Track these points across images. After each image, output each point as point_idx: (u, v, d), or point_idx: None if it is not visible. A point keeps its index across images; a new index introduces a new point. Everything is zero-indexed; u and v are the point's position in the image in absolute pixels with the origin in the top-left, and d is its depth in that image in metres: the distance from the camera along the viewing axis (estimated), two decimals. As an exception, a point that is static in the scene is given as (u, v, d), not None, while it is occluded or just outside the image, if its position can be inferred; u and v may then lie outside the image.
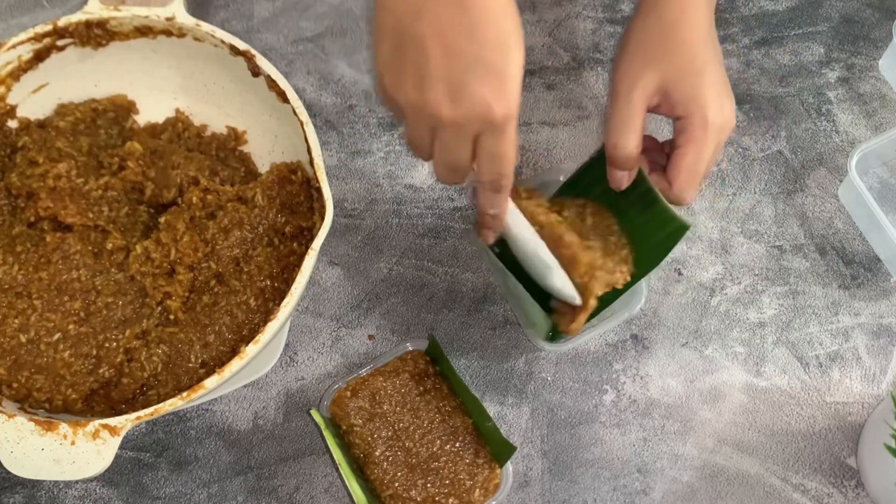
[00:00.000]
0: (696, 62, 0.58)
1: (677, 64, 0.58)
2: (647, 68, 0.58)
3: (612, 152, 0.59)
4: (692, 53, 0.58)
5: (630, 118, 0.58)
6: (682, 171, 0.58)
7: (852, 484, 0.67)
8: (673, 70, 0.58)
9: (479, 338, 0.71)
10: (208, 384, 0.57)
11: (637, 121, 0.58)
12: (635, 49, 0.59)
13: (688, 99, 0.58)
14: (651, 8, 0.59)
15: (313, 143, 0.63)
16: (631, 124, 0.58)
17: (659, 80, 0.58)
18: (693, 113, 0.58)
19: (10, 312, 0.61)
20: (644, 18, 0.59)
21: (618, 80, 0.59)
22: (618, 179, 0.61)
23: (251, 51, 0.66)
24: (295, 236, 0.66)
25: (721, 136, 0.59)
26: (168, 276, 0.64)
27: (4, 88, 0.67)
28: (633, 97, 0.58)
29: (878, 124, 0.79)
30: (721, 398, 0.70)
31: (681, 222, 0.60)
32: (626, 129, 0.58)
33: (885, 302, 0.73)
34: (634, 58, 0.59)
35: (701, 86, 0.58)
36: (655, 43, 0.58)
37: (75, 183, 0.65)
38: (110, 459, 0.55)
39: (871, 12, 0.84)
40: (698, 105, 0.58)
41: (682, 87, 0.58)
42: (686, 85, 0.58)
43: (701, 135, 0.58)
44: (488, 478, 0.64)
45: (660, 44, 0.58)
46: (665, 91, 0.58)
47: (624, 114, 0.58)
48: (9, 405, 0.59)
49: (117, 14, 0.66)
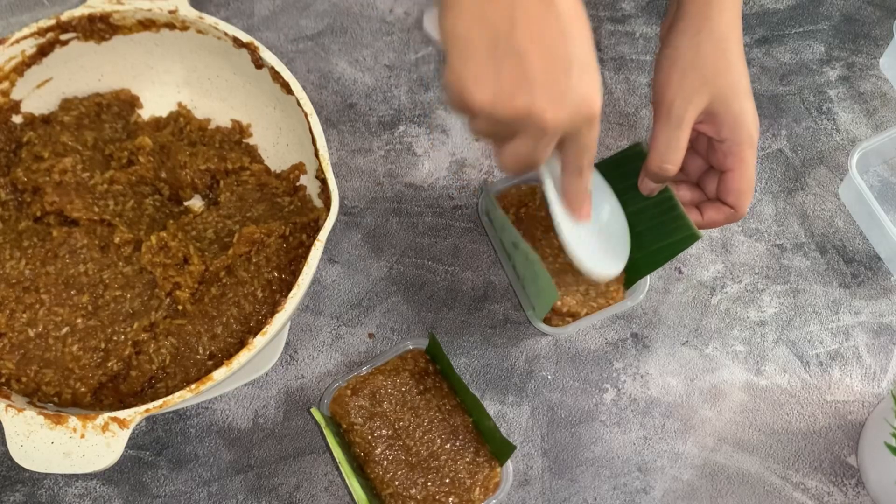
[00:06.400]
0: (743, 81, 0.58)
1: (729, 84, 0.58)
2: (703, 88, 0.58)
3: (656, 170, 0.60)
4: (740, 73, 0.58)
5: (679, 140, 0.59)
6: (742, 192, 0.60)
7: (853, 482, 0.68)
8: (725, 90, 0.58)
9: (479, 336, 0.71)
10: (217, 376, 0.57)
11: (685, 142, 0.59)
12: (689, 67, 0.58)
13: (735, 120, 0.58)
14: (703, 22, 0.58)
15: (318, 135, 0.64)
16: (679, 146, 0.59)
17: (709, 101, 0.58)
18: (741, 134, 0.58)
19: (18, 307, 0.61)
20: (696, 34, 0.58)
21: (670, 99, 0.58)
22: (650, 188, 0.63)
23: (254, 43, 0.66)
24: (303, 227, 0.66)
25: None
26: (179, 266, 0.64)
27: (8, 84, 0.67)
28: (685, 118, 0.58)
29: (878, 123, 0.79)
30: (721, 397, 0.70)
31: (693, 231, 0.62)
32: (675, 150, 0.59)
33: (885, 300, 0.73)
34: (687, 76, 0.58)
35: (746, 106, 0.58)
36: (710, 62, 0.58)
37: (81, 177, 0.65)
38: (120, 452, 0.55)
39: (871, 10, 0.84)
40: (744, 126, 0.58)
41: (732, 108, 0.58)
42: (735, 106, 0.58)
43: (750, 154, 0.59)
44: (488, 476, 0.64)
45: (714, 63, 0.58)
46: (713, 112, 0.58)
47: (675, 135, 0.58)
48: (18, 399, 0.59)
49: (120, 8, 0.66)
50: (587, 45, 0.48)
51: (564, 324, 0.67)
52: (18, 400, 0.59)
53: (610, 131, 0.78)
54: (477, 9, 0.46)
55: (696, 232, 0.62)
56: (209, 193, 0.70)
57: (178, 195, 0.69)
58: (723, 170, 0.60)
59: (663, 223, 0.64)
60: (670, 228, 0.63)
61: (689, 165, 0.64)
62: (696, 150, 0.63)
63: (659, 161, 0.59)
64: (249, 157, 0.70)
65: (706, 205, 0.63)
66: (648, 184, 0.63)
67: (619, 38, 0.82)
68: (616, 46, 0.81)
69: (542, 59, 0.46)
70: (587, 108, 0.48)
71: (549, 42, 0.46)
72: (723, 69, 0.58)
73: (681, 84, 0.58)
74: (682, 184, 0.65)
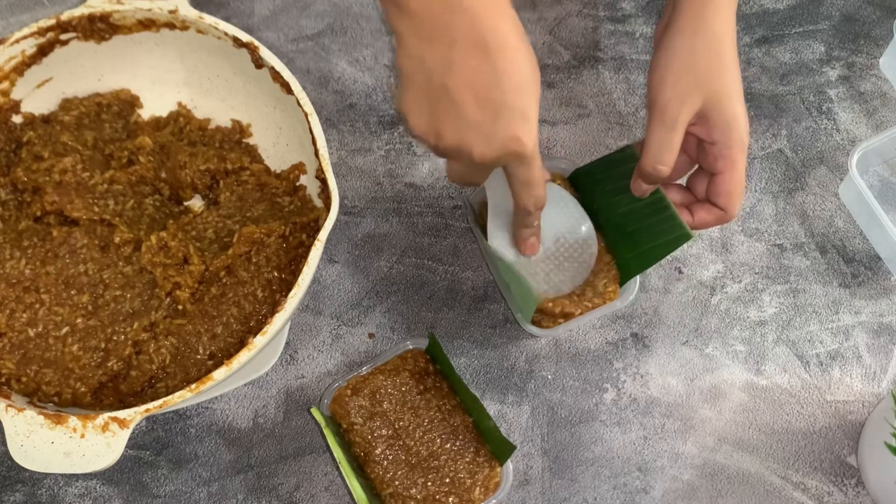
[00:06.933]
0: (736, 84, 0.59)
1: (722, 88, 0.58)
2: (697, 90, 0.58)
3: (649, 171, 0.60)
4: (733, 76, 0.59)
5: (673, 141, 0.59)
6: (733, 194, 0.61)
7: (853, 482, 0.68)
8: (718, 93, 0.58)
9: (479, 336, 0.71)
10: (217, 375, 0.57)
11: (678, 144, 0.59)
12: (684, 69, 0.58)
13: (727, 123, 0.59)
14: (699, 24, 0.59)
15: (318, 134, 0.64)
16: (673, 147, 0.59)
17: (703, 103, 0.58)
18: (732, 138, 0.59)
19: (18, 307, 0.62)
20: (691, 36, 0.59)
21: (664, 100, 0.59)
22: (643, 190, 0.63)
23: (254, 42, 0.66)
24: (303, 227, 0.66)
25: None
26: (179, 266, 0.64)
27: (9, 83, 0.67)
28: (679, 119, 0.58)
29: (878, 122, 0.79)
30: (721, 397, 0.70)
31: (686, 231, 0.62)
32: (668, 151, 0.59)
33: (885, 300, 0.73)
34: (682, 78, 0.58)
35: (738, 109, 0.59)
36: (704, 64, 0.58)
37: (81, 177, 0.65)
38: (120, 452, 0.56)
39: (871, 10, 0.84)
40: (735, 129, 0.59)
41: (725, 111, 0.58)
42: (728, 109, 0.58)
43: (740, 157, 0.59)
44: (488, 476, 0.64)
45: (708, 66, 0.58)
46: (705, 114, 0.59)
47: (668, 136, 0.59)
48: (18, 399, 0.59)
49: (120, 7, 0.66)
50: (522, 92, 0.50)
51: (556, 324, 0.67)
52: (18, 400, 0.59)
53: (610, 131, 0.78)
54: (417, 51, 0.50)
55: (688, 231, 0.62)
56: (209, 193, 0.70)
57: (178, 195, 0.69)
58: (713, 172, 0.61)
59: (656, 223, 0.64)
60: (663, 228, 0.63)
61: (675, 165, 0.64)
62: (685, 150, 0.63)
63: (652, 162, 0.60)
64: (249, 157, 0.70)
65: (696, 206, 0.63)
66: (641, 185, 0.63)
67: (619, 38, 0.82)
68: (616, 46, 0.81)
69: (472, 103, 0.50)
70: (515, 148, 0.51)
71: (481, 88, 0.49)
72: (717, 72, 0.58)
73: (675, 86, 0.58)
74: (672, 185, 0.65)
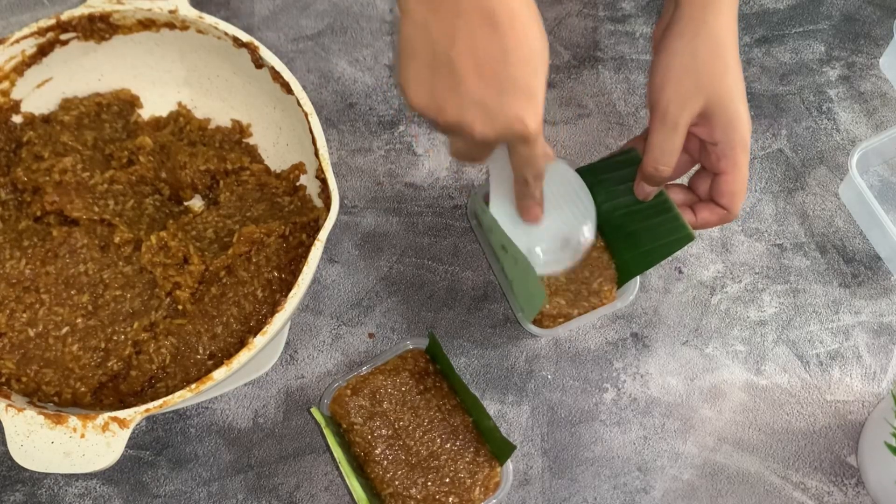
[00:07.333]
0: (738, 85, 0.58)
1: (724, 88, 0.58)
2: (698, 92, 0.58)
3: (652, 172, 0.60)
4: (735, 77, 0.59)
5: (674, 143, 0.59)
6: (736, 194, 0.60)
7: (852, 482, 0.68)
8: (720, 94, 0.58)
9: (479, 336, 0.71)
10: (217, 375, 0.57)
11: (680, 146, 0.59)
12: (685, 71, 0.58)
13: (729, 123, 0.58)
14: (700, 26, 0.58)
15: (318, 134, 0.64)
16: (675, 149, 0.59)
17: (705, 104, 0.58)
18: (734, 138, 0.59)
19: (18, 307, 0.62)
20: (693, 38, 0.58)
21: (665, 102, 0.58)
22: (646, 192, 0.63)
23: (254, 42, 0.66)
24: (303, 227, 0.66)
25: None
26: (179, 266, 0.64)
27: (9, 83, 0.67)
28: (680, 122, 0.58)
29: (878, 122, 0.79)
30: (721, 396, 0.70)
31: (688, 232, 0.62)
32: (670, 152, 0.59)
33: (885, 300, 0.73)
34: (683, 80, 0.58)
35: (741, 109, 0.58)
36: (706, 66, 0.58)
37: (81, 177, 0.65)
38: (120, 452, 0.56)
39: (871, 10, 0.84)
40: (738, 130, 0.58)
41: (727, 112, 0.58)
42: (730, 110, 0.58)
43: (742, 157, 0.59)
44: (488, 476, 0.64)
45: (710, 68, 0.58)
46: (707, 115, 0.58)
47: (671, 138, 0.59)
48: (18, 399, 0.59)
49: (120, 7, 0.66)
50: (529, 68, 0.49)
51: (555, 325, 0.67)
52: (18, 400, 0.59)
53: (610, 131, 0.78)
54: (422, 19, 0.48)
55: (690, 233, 0.62)
56: (209, 193, 0.70)
57: (178, 195, 0.69)
58: (716, 172, 0.61)
59: (658, 224, 0.64)
60: (665, 229, 0.63)
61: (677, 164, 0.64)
62: (687, 150, 0.63)
63: (654, 163, 0.60)
64: (249, 157, 0.70)
65: (699, 206, 0.63)
66: (644, 188, 0.63)
67: (619, 38, 0.82)
68: (616, 46, 0.81)
69: (475, 78, 0.48)
70: (519, 128, 0.50)
71: (486, 62, 0.48)
72: (719, 74, 0.58)
73: (676, 88, 0.58)
74: (674, 185, 0.65)
